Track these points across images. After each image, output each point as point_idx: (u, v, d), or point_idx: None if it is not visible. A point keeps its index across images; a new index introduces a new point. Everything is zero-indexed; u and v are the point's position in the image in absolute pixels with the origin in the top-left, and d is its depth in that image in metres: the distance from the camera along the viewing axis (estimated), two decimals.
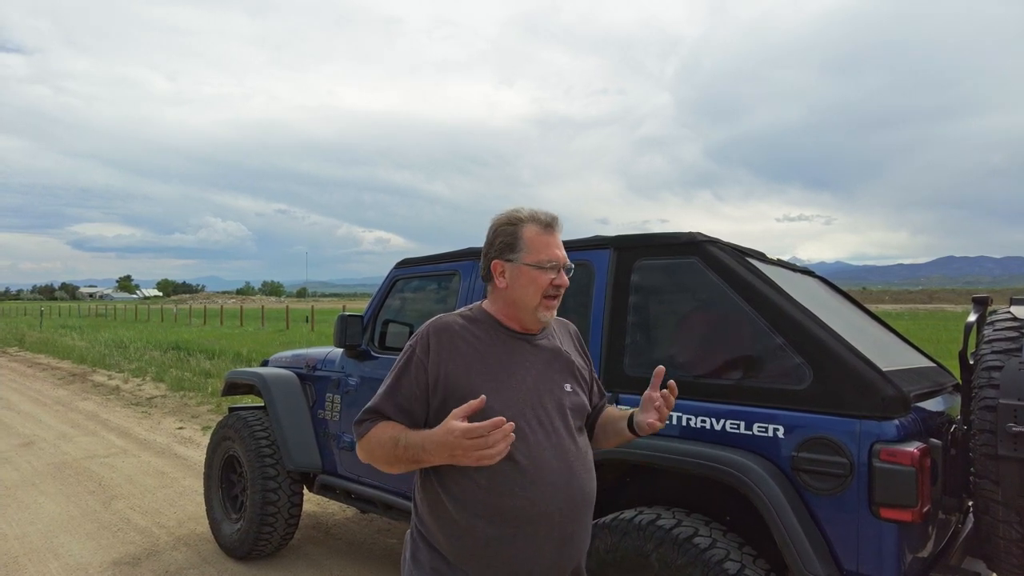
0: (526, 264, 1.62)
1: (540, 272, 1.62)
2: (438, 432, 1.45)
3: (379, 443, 1.56)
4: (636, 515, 2.33)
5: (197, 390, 11.10)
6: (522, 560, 1.55)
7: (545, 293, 1.63)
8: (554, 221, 1.66)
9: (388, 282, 3.97)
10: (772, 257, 3.05)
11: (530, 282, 1.62)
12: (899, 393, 2.05)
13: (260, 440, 4.11)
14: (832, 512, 2.07)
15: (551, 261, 1.62)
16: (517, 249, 1.63)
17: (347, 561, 4.23)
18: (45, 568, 4.07)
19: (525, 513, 1.53)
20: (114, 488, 5.73)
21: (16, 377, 13.85)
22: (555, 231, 1.66)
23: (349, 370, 3.89)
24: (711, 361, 2.48)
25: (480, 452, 1.40)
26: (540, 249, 1.62)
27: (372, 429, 1.59)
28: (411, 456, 1.51)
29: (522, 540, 1.54)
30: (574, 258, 2.93)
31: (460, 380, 1.58)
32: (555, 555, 1.59)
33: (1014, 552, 2.01)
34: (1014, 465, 1.91)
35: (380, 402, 1.61)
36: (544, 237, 1.64)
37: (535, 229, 1.64)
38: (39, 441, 7.58)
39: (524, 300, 1.64)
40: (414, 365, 1.60)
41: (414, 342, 1.64)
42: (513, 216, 1.67)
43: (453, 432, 1.41)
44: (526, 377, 1.62)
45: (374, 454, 1.60)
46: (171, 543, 4.49)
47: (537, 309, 1.64)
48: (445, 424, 1.44)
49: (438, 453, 1.46)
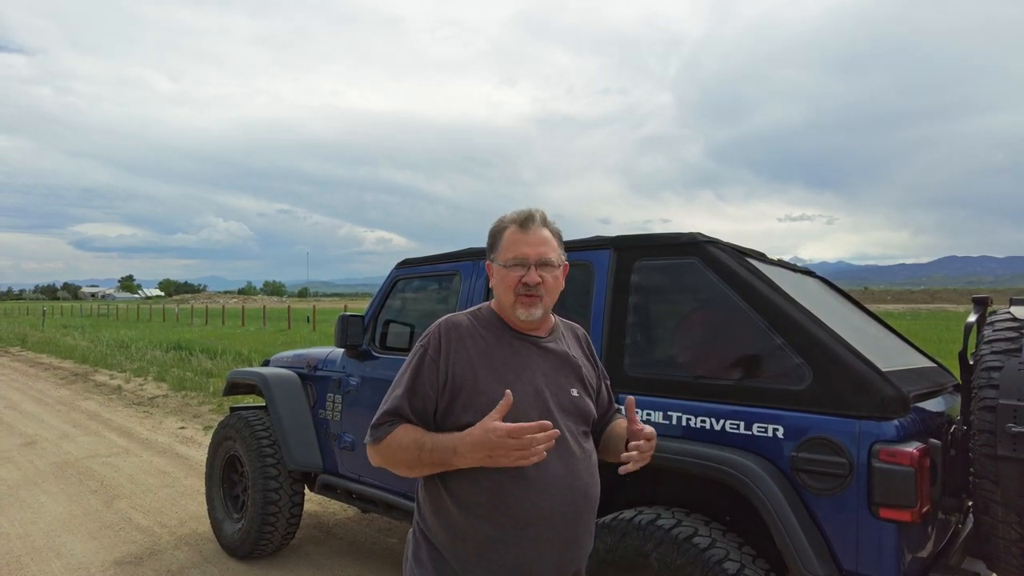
0: (499, 263, 1.65)
1: (506, 270, 1.63)
2: (474, 433, 1.45)
3: (400, 447, 1.54)
4: (636, 515, 2.34)
5: (199, 390, 11.12)
6: (524, 562, 1.55)
7: (517, 291, 1.62)
8: (529, 219, 1.65)
9: (389, 282, 3.97)
10: (772, 257, 3.05)
11: (500, 280, 1.65)
12: (898, 393, 2.05)
13: (261, 440, 4.11)
14: (831, 512, 2.07)
15: (515, 259, 1.62)
16: (495, 249, 1.67)
17: (348, 561, 4.24)
18: (47, 567, 4.08)
19: (528, 515, 1.54)
20: (116, 488, 5.75)
21: (18, 377, 13.87)
22: (531, 229, 1.64)
23: (350, 370, 3.90)
24: (711, 361, 2.48)
25: (521, 452, 1.41)
26: (509, 247, 1.64)
27: (392, 432, 1.56)
28: (438, 459, 1.50)
29: (525, 542, 1.54)
30: (573, 258, 2.93)
31: (467, 379, 1.58)
32: (557, 557, 1.59)
33: (1013, 552, 2.02)
34: (1013, 465, 1.91)
35: (398, 403, 1.59)
36: (517, 235, 1.64)
37: (513, 228, 1.65)
38: (41, 441, 7.60)
39: (502, 299, 1.66)
40: (427, 365, 1.59)
41: (425, 341, 1.63)
42: (503, 219, 1.70)
43: (496, 432, 1.42)
44: (532, 379, 1.62)
45: (394, 458, 1.57)
46: (173, 542, 4.50)
47: (514, 307, 1.63)
48: (484, 425, 1.44)
49: (472, 454, 1.45)
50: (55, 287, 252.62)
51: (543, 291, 1.63)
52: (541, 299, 1.63)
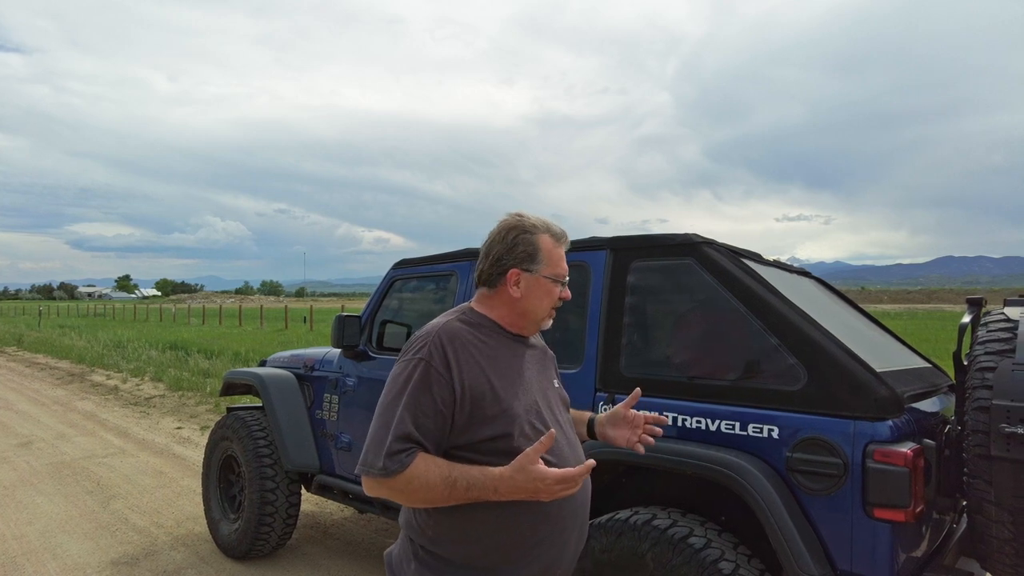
0: (545, 276, 1.62)
1: (552, 284, 1.63)
2: (517, 479, 1.39)
3: (425, 485, 1.40)
4: (631, 515, 2.34)
5: (195, 390, 11.10)
6: (555, 556, 1.57)
7: (553, 305, 1.66)
8: (564, 235, 1.68)
9: (386, 282, 3.97)
10: (769, 258, 3.06)
11: (545, 294, 1.63)
12: (893, 394, 2.06)
13: (258, 440, 4.11)
14: (826, 512, 2.08)
15: (560, 275, 1.64)
16: (537, 260, 1.61)
17: (345, 561, 4.24)
18: (43, 568, 4.08)
19: (560, 511, 1.55)
20: (112, 488, 5.74)
21: (14, 377, 13.84)
22: (565, 244, 1.68)
23: (347, 370, 3.90)
24: (706, 362, 2.49)
25: (565, 488, 1.42)
26: (556, 262, 1.64)
27: (412, 465, 1.41)
28: (475, 496, 1.42)
29: (556, 537, 1.57)
30: (570, 259, 2.94)
31: (483, 388, 1.50)
32: (576, 547, 1.64)
33: (1007, 552, 2.02)
34: (1007, 465, 1.92)
35: (408, 428, 1.43)
36: (559, 250, 1.65)
37: (551, 241, 1.64)
38: (37, 441, 7.58)
39: (535, 311, 1.64)
40: (435, 381, 1.46)
41: (426, 355, 1.48)
42: (527, 223, 1.63)
43: (544, 479, 1.39)
44: (532, 379, 1.64)
45: (413, 495, 1.43)
46: (169, 543, 4.49)
47: (543, 320, 1.67)
48: (530, 472, 1.39)
49: (514, 495, 1.42)
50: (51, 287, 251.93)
51: None
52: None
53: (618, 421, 1.81)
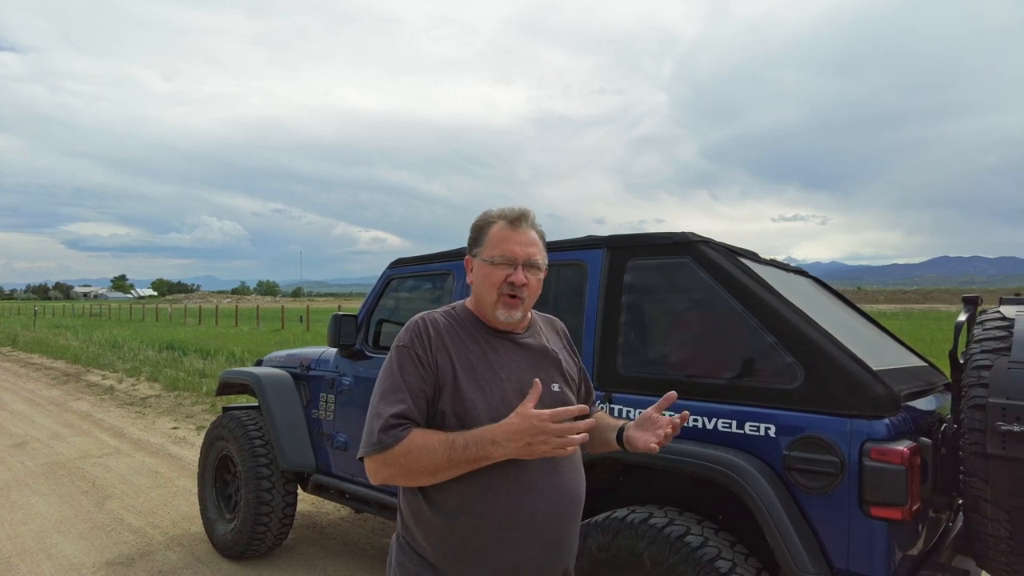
0: (483, 259, 1.59)
1: (492, 267, 1.57)
2: (513, 421, 1.40)
3: (426, 449, 1.43)
4: (628, 514, 2.34)
5: (192, 390, 11.07)
6: (508, 564, 1.51)
7: (501, 291, 1.57)
8: (521, 217, 1.60)
9: (382, 282, 3.97)
10: (765, 257, 3.06)
11: (484, 277, 1.59)
12: (889, 392, 2.06)
13: (254, 440, 4.10)
14: (823, 511, 2.08)
15: (503, 256, 1.56)
16: (480, 244, 1.61)
17: (341, 561, 4.23)
18: (38, 569, 4.06)
19: (509, 517, 1.50)
20: (108, 488, 5.72)
21: (9, 377, 13.79)
22: (521, 228, 1.60)
23: (343, 370, 3.89)
24: (703, 360, 2.49)
25: (561, 440, 1.38)
26: (496, 244, 1.57)
27: (407, 436, 1.45)
28: (473, 455, 1.43)
29: (508, 544, 1.51)
30: (567, 258, 2.95)
31: (448, 378, 1.53)
32: (541, 559, 1.55)
33: (1003, 550, 2.03)
34: (1003, 463, 1.92)
35: (401, 408, 1.48)
36: (506, 232, 1.58)
37: (501, 225, 1.60)
38: (32, 441, 7.55)
39: (483, 297, 1.60)
40: (417, 363, 1.52)
41: (407, 340, 1.55)
42: (489, 213, 1.64)
43: (539, 416, 1.38)
44: (511, 377, 1.58)
45: (415, 465, 1.45)
46: (165, 543, 4.48)
47: (495, 307, 1.58)
48: (523, 412, 1.40)
49: (512, 443, 1.40)
50: (47, 287, 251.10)
51: (526, 293, 1.59)
52: (523, 301, 1.59)
53: (645, 425, 1.65)
